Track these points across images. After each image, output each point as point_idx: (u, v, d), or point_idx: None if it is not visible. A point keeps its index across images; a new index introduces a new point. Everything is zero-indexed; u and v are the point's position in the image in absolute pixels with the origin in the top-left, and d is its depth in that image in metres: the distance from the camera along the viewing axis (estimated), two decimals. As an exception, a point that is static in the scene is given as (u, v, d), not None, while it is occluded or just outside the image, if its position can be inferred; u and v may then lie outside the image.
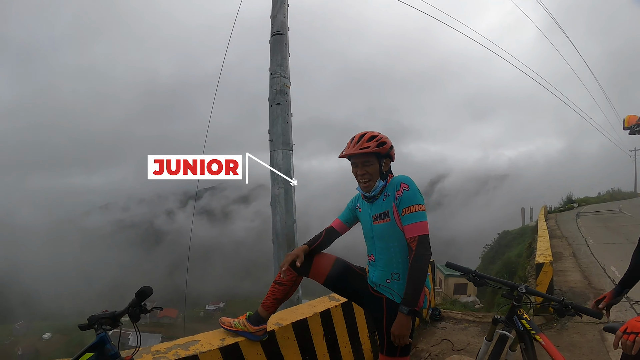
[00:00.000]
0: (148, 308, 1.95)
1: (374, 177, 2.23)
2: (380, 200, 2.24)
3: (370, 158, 2.22)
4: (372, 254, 2.32)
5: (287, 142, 5.23)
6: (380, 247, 2.25)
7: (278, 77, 5.38)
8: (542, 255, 5.83)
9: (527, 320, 2.20)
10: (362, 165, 2.23)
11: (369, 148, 2.18)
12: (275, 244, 5.08)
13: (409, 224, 2.09)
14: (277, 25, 5.60)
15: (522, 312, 2.22)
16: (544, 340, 2.15)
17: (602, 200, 27.34)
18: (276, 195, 5.12)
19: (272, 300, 2.51)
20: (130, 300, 1.94)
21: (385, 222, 2.20)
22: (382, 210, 2.21)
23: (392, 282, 2.21)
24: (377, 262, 2.28)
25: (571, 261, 8.25)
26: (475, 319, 5.12)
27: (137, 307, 1.91)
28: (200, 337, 2.47)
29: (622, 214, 16.25)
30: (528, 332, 2.17)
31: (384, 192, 2.24)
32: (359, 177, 2.25)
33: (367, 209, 2.32)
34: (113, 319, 1.92)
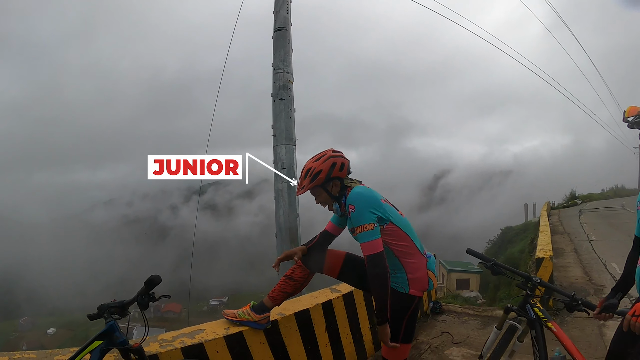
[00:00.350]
0: (156, 297, 2.01)
1: (327, 202, 2.39)
2: (346, 216, 2.34)
3: (314, 191, 2.37)
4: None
5: (290, 137, 5.27)
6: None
7: (281, 73, 5.41)
8: (542, 250, 5.87)
9: (540, 309, 2.27)
10: (316, 198, 2.40)
11: (304, 188, 2.35)
12: (279, 238, 5.14)
13: (360, 243, 2.20)
14: (280, 21, 5.62)
15: (535, 301, 2.30)
16: (555, 327, 2.21)
17: (606, 196, 27.21)
18: (279, 190, 5.17)
19: (280, 293, 2.57)
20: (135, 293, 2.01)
21: (355, 234, 2.28)
22: (349, 226, 2.32)
23: (392, 277, 2.27)
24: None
25: (572, 257, 8.28)
26: (476, 313, 5.17)
27: (146, 296, 1.98)
28: (205, 327, 2.54)
29: (625, 211, 16.17)
30: (540, 319, 2.25)
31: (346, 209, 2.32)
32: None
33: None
34: (122, 308, 1.98)
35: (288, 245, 5.01)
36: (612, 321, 4.36)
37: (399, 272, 2.28)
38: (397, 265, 2.28)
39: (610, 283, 5.78)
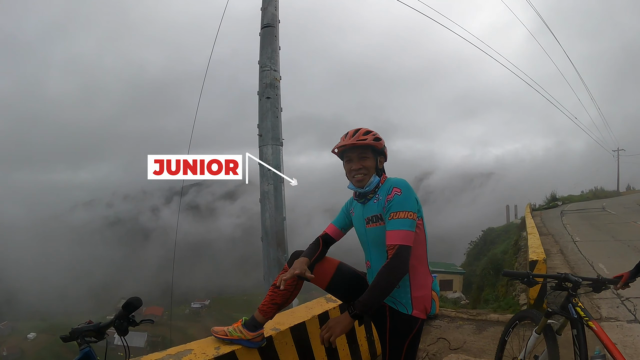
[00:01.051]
0: (137, 320, 1.79)
1: (369, 172, 2.11)
2: (372, 202, 2.11)
3: (366, 152, 2.11)
4: (369, 261, 2.19)
5: (276, 137, 5.10)
6: (375, 252, 2.12)
7: (268, 71, 5.24)
8: (534, 252, 5.83)
9: (582, 308, 2.22)
10: (358, 159, 2.11)
11: (366, 140, 2.08)
12: (265, 242, 4.94)
13: (391, 230, 1.94)
14: (268, 18, 5.45)
15: (577, 300, 2.25)
16: (595, 326, 2.15)
17: (586, 198, 27.87)
18: (265, 192, 4.98)
19: (270, 305, 2.32)
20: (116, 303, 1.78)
21: (378, 225, 2.06)
22: (374, 212, 2.08)
23: (394, 291, 2.02)
24: (374, 270, 2.10)
25: (559, 258, 8.32)
26: (470, 317, 5.08)
27: (125, 320, 1.76)
28: (193, 346, 2.29)
29: (606, 212, 16.56)
30: (581, 318, 2.19)
31: (377, 193, 2.11)
32: (353, 172, 2.12)
33: (360, 211, 2.18)
34: (98, 331, 1.76)
35: (274, 249, 4.82)
36: (607, 322, 4.39)
37: (403, 287, 2.04)
38: (404, 278, 2.02)
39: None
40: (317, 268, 2.25)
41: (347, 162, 2.15)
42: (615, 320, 4.53)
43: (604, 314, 4.74)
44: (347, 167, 2.15)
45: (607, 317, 4.63)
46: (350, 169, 2.13)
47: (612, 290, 5.45)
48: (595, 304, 5.07)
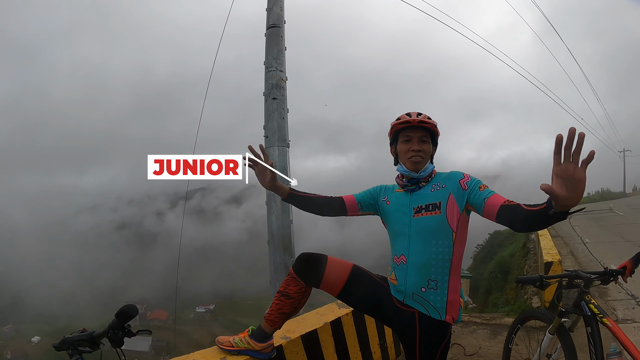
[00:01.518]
0: (133, 331, 1.66)
1: (426, 158, 1.98)
2: (427, 191, 1.94)
3: (428, 136, 1.99)
4: (404, 254, 1.93)
5: (283, 139, 5.00)
6: (418, 245, 1.89)
7: (274, 71, 5.17)
8: (549, 254, 5.72)
9: (595, 305, 2.19)
10: (419, 141, 1.96)
11: (433, 124, 1.97)
12: (271, 246, 4.83)
13: (494, 193, 1.75)
14: (273, 18, 5.40)
15: (589, 297, 2.22)
16: (610, 323, 2.12)
17: (592, 200, 27.67)
18: (272, 194, 4.87)
19: (277, 314, 2.12)
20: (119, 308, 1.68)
21: (433, 214, 1.87)
22: (430, 201, 1.90)
23: (428, 292, 1.85)
24: (410, 266, 1.90)
25: (570, 260, 8.19)
26: (483, 322, 4.96)
27: (120, 330, 1.63)
28: (197, 356, 2.15)
29: (613, 214, 16.38)
30: (595, 316, 2.16)
31: (432, 182, 1.96)
32: (411, 152, 1.95)
33: (405, 199, 2.00)
34: (91, 341, 1.63)
35: (281, 254, 4.71)
36: (624, 324, 4.26)
37: (440, 287, 1.85)
38: (443, 277, 1.86)
39: (614, 285, 5.63)
40: (328, 272, 2.00)
41: (404, 142, 1.98)
42: (632, 322, 4.43)
43: (620, 315, 4.63)
44: (404, 147, 1.97)
45: (624, 319, 4.52)
46: (409, 149, 1.96)
47: (627, 292, 5.33)
48: (610, 305, 4.96)
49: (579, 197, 1.31)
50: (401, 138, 2.00)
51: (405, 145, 1.98)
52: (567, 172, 1.30)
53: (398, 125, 1.98)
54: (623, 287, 5.57)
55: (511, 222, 1.64)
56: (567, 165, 1.30)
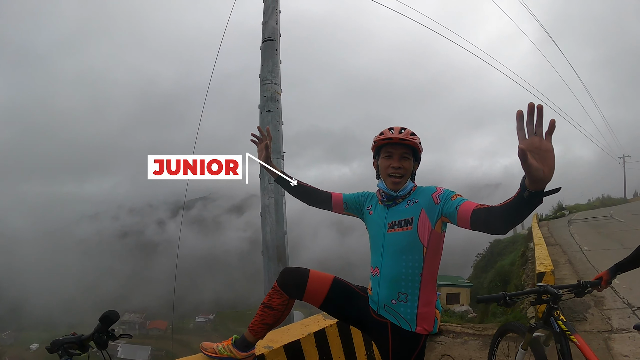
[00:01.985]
0: (116, 334, 1.73)
1: (407, 176, 1.99)
2: (402, 207, 1.98)
3: (409, 152, 1.99)
4: (377, 267, 2.02)
5: (277, 151, 5.08)
6: (389, 260, 1.97)
7: (269, 84, 5.27)
8: (542, 264, 5.70)
9: (564, 322, 2.20)
10: (400, 158, 1.98)
11: (415, 140, 1.97)
12: (265, 257, 4.87)
13: (466, 200, 1.77)
14: (269, 31, 5.51)
15: (558, 313, 2.23)
16: (579, 340, 2.13)
17: (593, 206, 27.52)
18: (266, 205, 4.94)
19: (260, 325, 2.19)
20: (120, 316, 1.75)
21: (404, 230, 1.93)
22: (403, 217, 1.95)
23: (398, 304, 1.94)
24: (383, 278, 1.99)
25: (568, 268, 8.13)
26: (475, 332, 4.94)
27: (104, 333, 1.70)
28: None
29: (614, 220, 16.27)
30: (564, 333, 2.17)
31: (408, 198, 2.00)
32: (391, 169, 1.97)
33: (382, 213, 2.04)
34: (80, 344, 1.71)
35: (275, 264, 4.75)
36: (619, 334, 4.25)
37: (410, 300, 1.92)
38: (413, 290, 1.92)
39: (610, 293, 5.66)
40: (310, 285, 2.10)
41: (385, 158, 2.01)
42: (627, 332, 4.38)
43: (615, 325, 4.59)
44: (385, 163, 2.00)
45: (619, 329, 4.49)
46: (389, 166, 1.98)
47: (623, 301, 5.31)
48: (606, 314, 4.93)
49: (551, 170, 1.31)
50: (383, 153, 2.03)
51: (386, 162, 2.00)
52: (534, 144, 1.31)
53: (380, 141, 2.00)
54: (619, 295, 5.55)
55: (487, 224, 1.61)
56: (532, 138, 1.32)
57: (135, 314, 66.62)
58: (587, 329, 4.55)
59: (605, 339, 4.20)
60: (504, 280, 11.99)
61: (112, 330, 1.71)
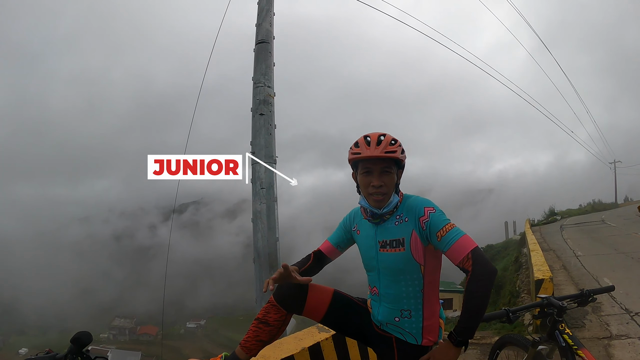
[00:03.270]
0: (91, 356, 1.64)
1: (390, 191, 1.83)
2: (391, 224, 1.85)
3: (390, 165, 1.81)
4: (376, 287, 1.94)
5: (270, 155, 4.98)
6: (387, 279, 1.88)
7: (262, 87, 5.18)
8: (540, 270, 5.62)
9: (569, 335, 2.09)
10: (380, 174, 1.81)
11: (395, 153, 1.78)
12: (257, 264, 4.75)
13: (452, 245, 1.70)
14: (262, 34, 5.44)
15: (563, 326, 2.12)
16: (585, 354, 2.01)
17: (584, 211, 27.79)
18: (258, 212, 4.82)
19: (254, 342, 2.02)
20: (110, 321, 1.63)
21: (397, 251, 1.82)
22: (394, 236, 1.83)
23: (402, 321, 1.87)
24: (383, 298, 1.91)
25: (563, 274, 8.10)
26: (473, 341, 4.84)
27: (78, 355, 1.61)
28: None
29: (605, 225, 16.39)
30: (570, 347, 2.06)
31: (397, 213, 1.86)
32: (371, 188, 1.81)
33: (370, 231, 1.92)
34: None
35: (267, 271, 4.62)
36: (618, 340, 4.18)
37: (415, 315, 1.85)
38: (417, 306, 1.85)
39: (607, 298, 5.62)
40: (310, 299, 1.98)
41: (364, 175, 1.83)
42: (626, 338, 4.31)
43: (614, 331, 4.52)
44: (364, 181, 1.83)
45: (618, 335, 4.41)
46: (369, 184, 1.81)
47: (621, 306, 5.26)
48: (604, 320, 4.87)
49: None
50: (361, 169, 1.86)
51: (365, 179, 1.84)
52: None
53: (356, 158, 1.83)
54: (617, 300, 5.50)
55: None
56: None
57: (126, 319, 65.99)
58: (586, 335, 4.46)
59: (605, 345, 4.12)
60: (497, 285, 11.91)
61: (86, 351, 1.62)
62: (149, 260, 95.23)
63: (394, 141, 1.82)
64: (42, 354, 1.64)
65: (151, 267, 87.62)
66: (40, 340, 55.73)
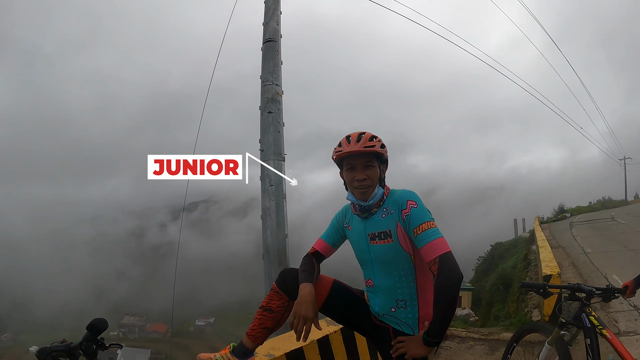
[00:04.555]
0: (106, 344, 1.66)
1: (374, 183, 1.92)
2: (379, 217, 1.94)
3: (372, 160, 1.92)
4: (371, 279, 2.02)
5: (278, 152, 5.03)
6: (380, 271, 1.96)
7: (270, 85, 5.24)
8: (548, 266, 5.63)
9: (595, 317, 2.25)
10: (363, 168, 1.91)
11: (374, 147, 1.89)
12: (266, 260, 4.81)
13: (424, 245, 1.77)
14: (270, 32, 5.49)
15: (590, 310, 2.27)
16: (609, 334, 2.17)
17: (594, 209, 27.37)
18: (267, 208, 4.89)
19: (260, 329, 2.09)
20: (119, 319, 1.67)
21: (386, 242, 1.90)
22: (381, 228, 1.91)
23: (398, 311, 1.93)
24: (378, 289, 1.98)
25: (572, 271, 8.06)
26: (481, 337, 4.86)
27: (93, 342, 1.62)
28: None
29: (615, 222, 16.21)
30: (595, 327, 2.21)
31: (383, 206, 1.95)
32: (356, 182, 1.91)
33: (360, 225, 2.01)
34: (69, 352, 1.62)
35: (276, 268, 4.67)
36: (626, 337, 4.17)
37: (410, 305, 1.91)
38: (411, 296, 1.91)
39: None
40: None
41: (348, 171, 1.95)
42: (634, 334, 4.32)
43: (622, 327, 4.52)
44: (349, 176, 1.94)
45: (626, 331, 4.41)
46: (354, 179, 1.92)
47: (629, 303, 5.24)
48: (612, 317, 4.85)
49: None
50: (345, 166, 1.97)
51: (350, 174, 1.94)
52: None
53: (339, 155, 1.94)
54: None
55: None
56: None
57: (135, 317, 66.59)
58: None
59: (611, 345, 4.11)
60: (506, 283, 11.89)
61: (101, 339, 1.63)
62: (160, 258, 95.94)
63: (374, 137, 1.93)
64: (57, 343, 1.65)
65: (161, 265, 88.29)
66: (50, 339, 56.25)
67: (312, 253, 2.16)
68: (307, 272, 2.02)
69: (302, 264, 2.11)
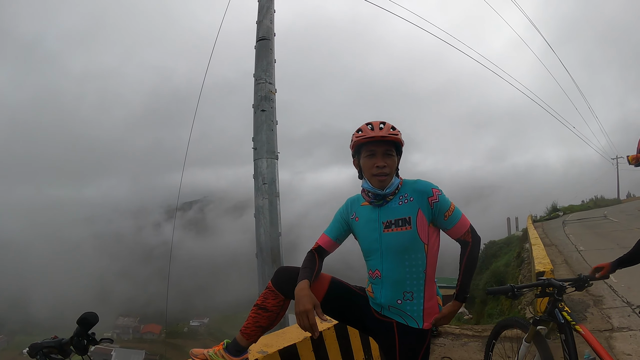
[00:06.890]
0: (97, 339, 1.65)
1: (392, 172, 1.92)
2: (395, 204, 1.92)
3: (392, 149, 1.92)
4: (378, 269, 1.94)
5: (272, 150, 5.02)
6: (391, 261, 1.90)
7: (263, 83, 5.23)
8: (540, 263, 5.66)
9: (568, 312, 2.23)
10: (383, 156, 1.89)
11: (397, 135, 1.89)
12: (259, 259, 4.79)
13: (455, 224, 1.93)
14: (263, 31, 5.49)
15: (562, 305, 2.26)
16: (583, 330, 2.17)
17: (587, 207, 27.61)
18: (260, 207, 4.87)
19: (254, 327, 2.07)
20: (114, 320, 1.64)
21: (403, 230, 1.87)
22: (399, 215, 1.89)
23: (404, 303, 1.90)
24: (385, 280, 1.92)
25: (564, 269, 8.12)
26: (475, 334, 4.87)
27: (83, 337, 1.61)
28: None
29: (608, 220, 16.35)
30: (569, 323, 2.20)
31: (399, 194, 1.93)
32: (375, 169, 1.88)
33: (372, 214, 1.96)
34: (60, 348, 1.61)
35: (269, 267, 4.65)
36: (620, 332, 4.21)
37: (416, 297, 1.89)
38: (419, 287, 1.90)
39: (608, 292, 5.66)
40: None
41: (368, 157, 1.91)
42: (628, 330, 4.35)
43: (616, 324, 4.55)
44: (369, 162, 1.91)
45: (619, 327, 4.44)
46: (373, 165, 1.89)
47: (622, 299, 5.28)
48: (605, 314, 4.90)
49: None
50: (364, 152, 1.94)
51: (369, 161, 1.91)
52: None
53: (361, 139, 1.91)
54: (618, 294, 5.52)
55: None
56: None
57: (129, 318, 66.12)
58: (588, 328, 4.49)
59: (607, 337, 4.15)
60: (499, 281, 11.93)
61: (92, 334, 1.62)
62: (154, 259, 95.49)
63: (394, 128, 1.93)
64: (48, 340, 1.65)
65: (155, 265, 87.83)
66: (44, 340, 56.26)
67: (315, 249, 2.12)
68: (306, 269, 1.98)
69: (304, 260, 2.08)
